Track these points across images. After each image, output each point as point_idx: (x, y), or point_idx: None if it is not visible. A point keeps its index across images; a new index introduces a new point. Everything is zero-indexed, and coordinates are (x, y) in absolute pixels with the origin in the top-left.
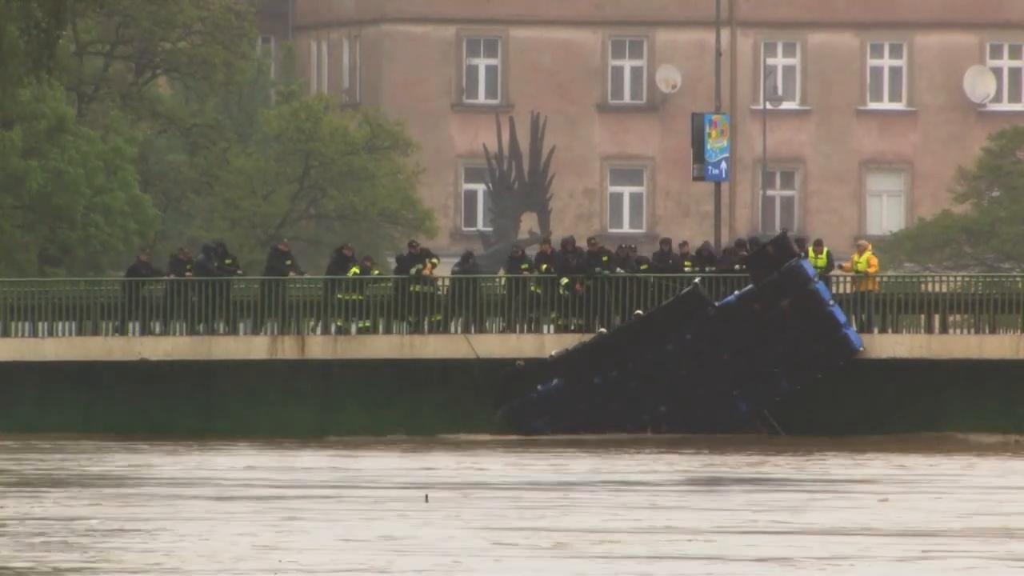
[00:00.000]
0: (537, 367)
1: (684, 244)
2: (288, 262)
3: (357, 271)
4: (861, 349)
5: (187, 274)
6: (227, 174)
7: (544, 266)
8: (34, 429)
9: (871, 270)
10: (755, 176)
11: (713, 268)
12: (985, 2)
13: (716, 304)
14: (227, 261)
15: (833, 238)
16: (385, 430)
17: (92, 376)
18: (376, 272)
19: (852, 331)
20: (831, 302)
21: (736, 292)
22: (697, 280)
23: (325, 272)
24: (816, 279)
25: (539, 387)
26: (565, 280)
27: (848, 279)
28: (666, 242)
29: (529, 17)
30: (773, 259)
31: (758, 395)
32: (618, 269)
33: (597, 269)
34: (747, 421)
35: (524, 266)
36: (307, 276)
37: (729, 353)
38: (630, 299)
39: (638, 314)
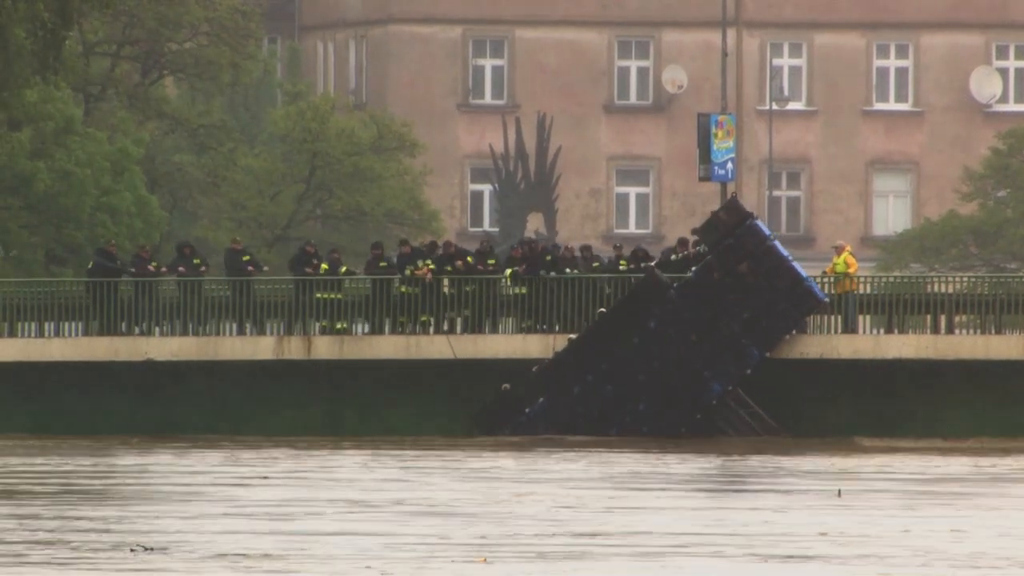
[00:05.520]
0: (523, 387)
1: (619, 247)
2: (245, 258)
3: (327, 268)
4: (826, 300)
5: (149, 268)
6: (233, 174)
7: (491, 261)
8: (39, 430)
9: (850, 270)
10: (761, 176)
11: (652, 264)
12: (991, 2)
13: (675, 285)
14: (195, 260)
15: (839, 239)
16: (390, 430)
17: (99, 376)
18: (344, 269)
19: (815, 284)
20: (790, 258)
21: (693, 268)
22: (652, 263)
23: (287, 266)
24: (773, 237)
25: (527, 410)
26: (509, 271)
27: (830, 280)
28: (587, 248)
29: (535, 17)
30: (727, 225)
31: (728, 371)
32: (568, 270)
33: (542, 272)
34: (723, 404)
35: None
36: (271, 276)
37: (696, 332)
38: (576, 301)
39: (601, 312)
